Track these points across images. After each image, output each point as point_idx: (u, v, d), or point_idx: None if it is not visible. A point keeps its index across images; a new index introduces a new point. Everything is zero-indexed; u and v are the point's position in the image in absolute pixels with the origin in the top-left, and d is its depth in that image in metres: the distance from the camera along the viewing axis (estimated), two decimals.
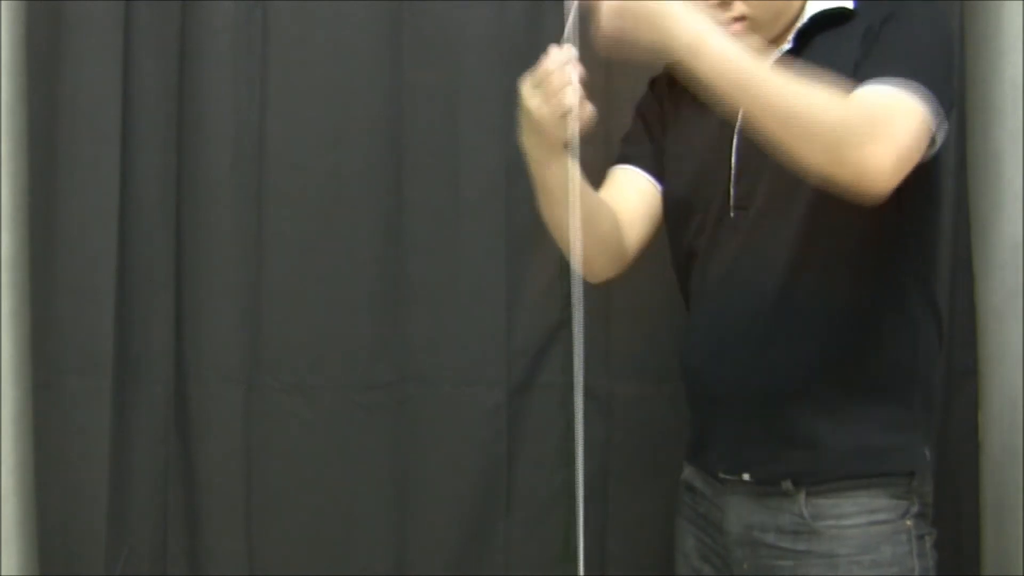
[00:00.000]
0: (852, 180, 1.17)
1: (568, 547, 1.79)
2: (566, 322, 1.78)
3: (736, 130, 1.38)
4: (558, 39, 1.79)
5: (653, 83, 1.55)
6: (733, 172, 1.37)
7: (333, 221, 1.80)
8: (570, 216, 1.27)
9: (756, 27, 1.35)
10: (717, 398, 1.40)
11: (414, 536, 1.79)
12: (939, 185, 1.41)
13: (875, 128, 1.17)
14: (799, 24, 1.37)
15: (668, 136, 1.50)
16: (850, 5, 1.35)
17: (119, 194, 1.78)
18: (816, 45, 1.35)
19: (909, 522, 1.32)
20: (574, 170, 1.29)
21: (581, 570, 1.27)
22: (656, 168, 1.49)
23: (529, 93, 1.29)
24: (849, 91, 1.20)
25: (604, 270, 1.46)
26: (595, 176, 1.50)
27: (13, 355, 1.80)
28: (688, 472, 1.49)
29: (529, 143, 1.33)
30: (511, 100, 1.77)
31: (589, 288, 1.73)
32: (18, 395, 1.80)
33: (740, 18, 1.34)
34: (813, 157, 1.18)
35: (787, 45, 1.37)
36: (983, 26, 1.66)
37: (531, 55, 1.76)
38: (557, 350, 1.79)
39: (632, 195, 1.49)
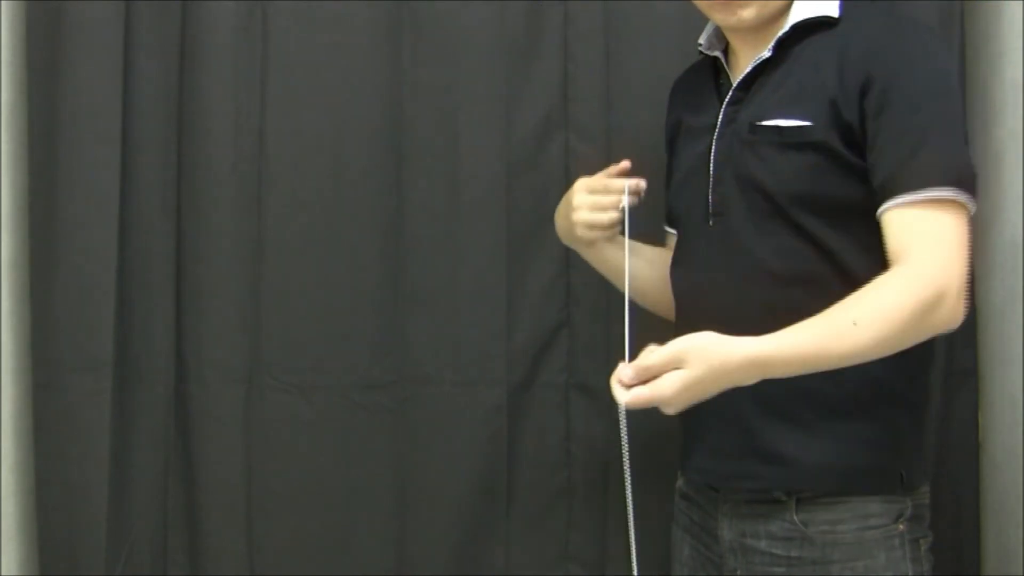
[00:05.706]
0: (948, 325, 1.22)
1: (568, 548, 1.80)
2: (566, 322, 1.79)
3: (714, 138, 1.38)
4: (557, 39, 1.80)
5: (670, 105, 1.58)
6: (711, 180, 1.37)
7: (333, 221, 1.80)
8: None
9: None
10: (694, 408, 1.38)
11: (414, 536, 1.79)
12: None
13: (937, 284, 1.19)
14: (779, 32, 1.34)
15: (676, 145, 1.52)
16: (835, 13, 1.33)
17: (119, 195, 1.77)
18: (795, 55, 1.33)
19: (902, 526, 1.31)
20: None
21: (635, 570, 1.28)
22: None
23: (580, 197, 1.43)
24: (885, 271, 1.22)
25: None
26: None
27: (13, 355, 1.79)
28: (682, 480, 1.49)
29: (561, 228, 1.47)
30: (511, 100, 1.79)
31: (590, 287, 1.75)
32: (18, 395, 1.80)
33: None
34: (914, 341, 1.23)
35: (766, 53, 1.35)
36: (983, 26, 1.65)
37: (531, 55, 1.79)
38: (557, 350, 1.79)
39: None
